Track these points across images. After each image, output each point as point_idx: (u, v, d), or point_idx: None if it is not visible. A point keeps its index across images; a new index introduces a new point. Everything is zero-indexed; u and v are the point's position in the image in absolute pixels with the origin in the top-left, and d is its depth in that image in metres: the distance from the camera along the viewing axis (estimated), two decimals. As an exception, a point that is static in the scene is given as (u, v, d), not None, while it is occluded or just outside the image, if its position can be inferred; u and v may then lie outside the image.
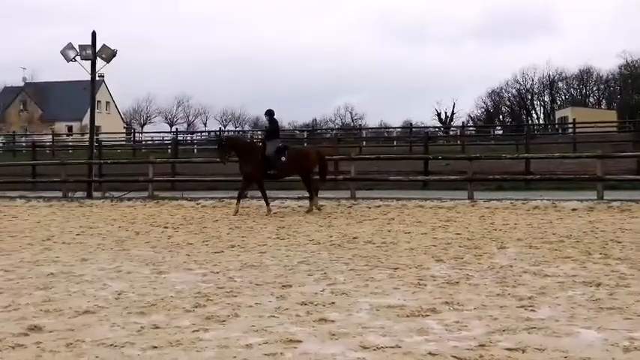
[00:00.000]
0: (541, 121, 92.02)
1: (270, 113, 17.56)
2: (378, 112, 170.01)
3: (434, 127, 73.66)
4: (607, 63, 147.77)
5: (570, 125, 48.61)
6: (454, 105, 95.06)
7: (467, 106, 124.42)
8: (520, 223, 13.54)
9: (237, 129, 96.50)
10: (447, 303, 6.52)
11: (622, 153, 25.09)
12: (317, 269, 8.57)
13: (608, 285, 7.27)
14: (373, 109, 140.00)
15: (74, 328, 5.71)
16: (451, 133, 61.33)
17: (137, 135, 61.68)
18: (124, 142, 56.82)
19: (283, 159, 16.73)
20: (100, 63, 24.70)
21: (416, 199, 18.77)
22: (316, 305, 6.51)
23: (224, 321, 5.93)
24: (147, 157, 27.03)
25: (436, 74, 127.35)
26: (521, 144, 34.20)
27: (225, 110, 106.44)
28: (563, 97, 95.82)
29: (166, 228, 13.84)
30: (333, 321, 5.88)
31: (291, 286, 7.45)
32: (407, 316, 6.02)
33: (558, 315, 6.01)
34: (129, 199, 21.49)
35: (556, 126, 68.33)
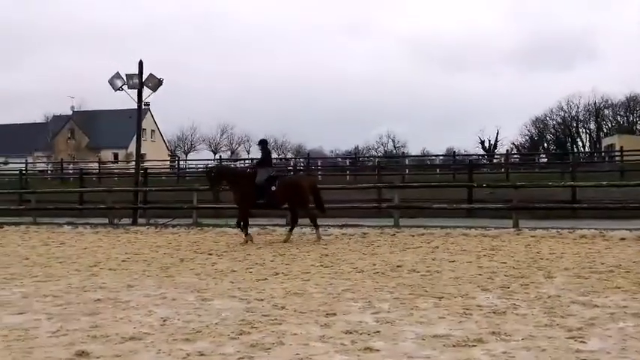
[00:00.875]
0: (587, 149, 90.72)
1: (262, 142, 17.87)
2: (421, 140, 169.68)
3: (477, 155, 73.06)
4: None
5: (617, 153, 47.83)
6: (498, 133, 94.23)
7: (511, 134, 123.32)
8: (567, 253, 13.31)
9: (279, 157, 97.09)
10: (494, 333, 6.43)
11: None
12: (361, 297, 8.53)
13: (660, 316, 7.10)
14: (415, 137, 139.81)
15: (121, 354, 5.77)
16: (495, 161, 60.78)
17: (181, 162, 62.39)
18: (169, 170, 57.46)
19: (273, 188, 16.66)
20: (147, 92, 25.09)
21: (460, 228, 18.58)
22: (361, 334, 6.47)
23: (269, 349, 5.93)
24: (191, 185, 27.26)
25: (478, 102, 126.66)
26: (566, 172, 33.72)
27: (267, 138, 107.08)
28: (609, 125, 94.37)
29: (210, 255, 13.92)
30: (379, 350, 5.83)
31: (335, 315, 7.42)
32: (453, 346, 5.96)
33: (609, 347, 5.88)
34: (173, 226, 21.68)
35: (602, 154, 67.27)
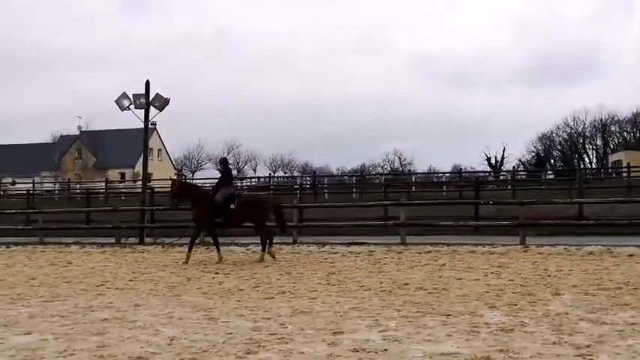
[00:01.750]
0: (593, 165, 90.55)
1: (223, 162, 18.22)
2: (427, 157, 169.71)
3: (484, 172, 72.99)
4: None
5: (624, 169, 47.75)
6: (504, 149, 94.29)
7: (517, 151, 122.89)
8: (574, 269, 13.26)
9: (286, 175, 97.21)
10: (502, 351, 6.40)
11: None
12: (368, 315, 8.51)
13: (669, 333, 7.06)
14: (422, 155, 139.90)
15: (128, 374, 5.76)
16: (501, 178, 60.72)
17: (188, 181, 62.40)
18: (176, 189, 57.51)
19: (232, 207, 16.62)
20: (154, 111, 25.18)
21: (467, 245, 18.55)
22: (368, 352, 6.45)
23: (276, 368, 5.92)
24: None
25: (484, 119, 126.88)
26: (573, 188, 33.65)
27: (274, 156, 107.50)
28: (616, 141, 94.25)
29: (217, 274, 13.91)
30: (386, 368, 5.81)
31: (342, 333, 7.41)
32: (461, 364, 5.93)
33: (618, 364, 5.85)
34: (180, 245, 21.65)
35: (609, 170, 67.14)
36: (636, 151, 75.40)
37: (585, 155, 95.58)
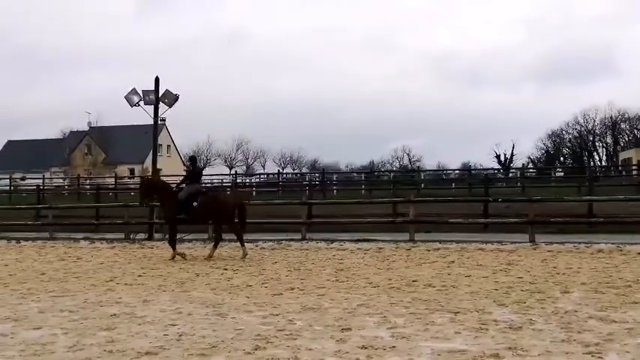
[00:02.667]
0: (603, 163, 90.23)
1: (191, 159, 18.47)
2: (436, 155, 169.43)
3: (493, 169, 72.83)
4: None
5: (634, 167, 47.54)
6: (513, 147, 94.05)
7: (526, 148, 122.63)
8: (584, 267, 13.22)
9: (295, 171, 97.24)
10: (510, 348, 6.39)
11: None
12: (376, 312, 8.52)
13: (678, 332, 7.04)
14: (431, 152, 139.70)
15: (137, 369, 5.78)
16: (511, 175, 60.61)
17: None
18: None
19: (195, 204, 16.73)
20: (163, 107, 25.21)
21: (476, 242, 18.52)
22: (377, 349, 6.45)
23: (284, 364, 5.93)
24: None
25: (494, 117, 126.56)
26: (583, 186, 33.55)
27: (283, 153, 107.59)
28: (626, 139, 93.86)
29: (226, 270, 13.94)
30: (394, 365, 5.82)
31: (350, 330, 7.41)
32: (469, 362, 5.92)
33: (627, 362, 5.83)
34: (189, 241, 21.70)
35: (619, 167, 66.87)
36: (646, 149, 75.06)
37: (595, 153, 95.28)
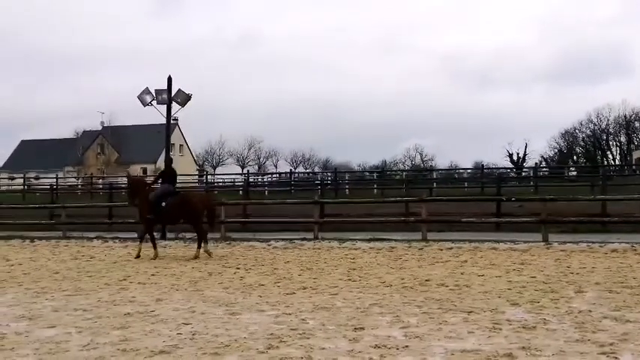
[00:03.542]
0: (617, 162, 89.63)
1: (166, 162, 18.59)
2: (448, 154, 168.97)
3: (506, 168, 72.56)
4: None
5: (648, 166, 47.26)
6: (526, 146, 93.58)
7: (539, 147, 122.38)
8: (598, 267, 13.16)
9: (307, 171, 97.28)
10: (524, 348, 6.37)
11: None
12: (389, 312, 8.51)
13: (694, 332, 6.99)
14: (443, 151, 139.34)
15: (150, 368, 5.79)
16: (524, 174, 60.37)
17: (209, 177, 62.66)
18: (197, 184, 57.80)
19: (163, 204, 16.90)
20: (175, 107, 25.31)
21: (489, 241, 18.47)
22: (390, 348, 6.44)
23: (297, 363, 5.93)
24: (219, 199, 27.38)
25: (506, 115, 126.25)
26: (596, 185, 33.37)
27: (295, 152, 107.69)
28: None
29: (238, 269, 13.96)
30: (407, 365, 5.80)
31: (363, 329, 7.40)
32: (483, 361, 5.91)
33: (642, 362, 5.80)
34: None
35: (633, 167, 66.48)
36: (660, 148, 74.66)
37: (609, 152, 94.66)
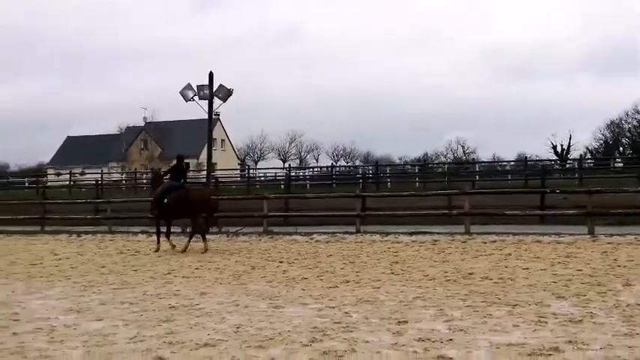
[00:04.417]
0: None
1: (178, 157, 18.65)
2: (490, 146, 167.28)
3: (550, 160, 71.58)
4: None
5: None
6: (570, 137, 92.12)
7: (584, 138, 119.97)
8: (646, 260, 12.92)
9: (348, 164, 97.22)
10: (571, 342, 6.29)
11: None
12: (433, 305, 8.47)
13: None
14: (485, 143, 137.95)
15: (196, 360, 5.86)
16: (568, 166, 59.49)
17: (251, 171, 63.03)
18: (239, 179, 58.17)
19: (165, 200, 17.39)
20: (217, 102, 25.49)
21: (533, 234, 18.26)
22: (434, 342, 6.42)
23: (341, 356, 5.94)
24: (261, 193, 27.54)
25: (550, 107, 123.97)
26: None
27: (336, 146, 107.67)
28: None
29: (281, 263, 14.03)
30: (452, 358, 5.78)
31: (407, 322, 7.38)
32: (528, 355, 5.85)
33: (693, 357, 5.68)
34: (244, 234, 21.93)
35: (681, 157, 65.01)
36: None
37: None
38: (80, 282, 11.57)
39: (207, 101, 25.45)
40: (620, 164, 60.12)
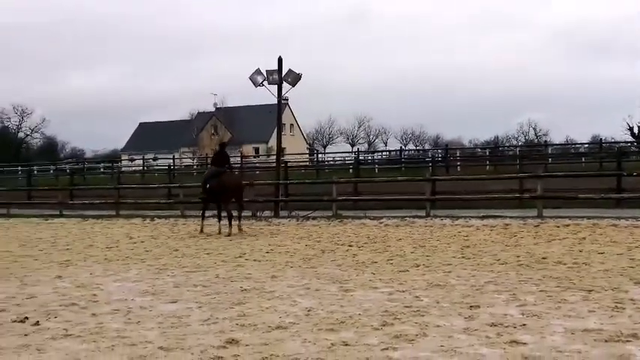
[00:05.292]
0: None
1: (220, 146, 20.10)
2: (564, 128, 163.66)
3: (626, 142, 69.54)
4: None
5: None
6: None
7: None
8: None
9: (417, 148, 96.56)
10: (650, 328, 6.11)
11: None
12: (505, 290, 8.35)
13: None
14: (558, 125, 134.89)
15: (268, 343, 5.92)
16: (645, 148, 57.65)
17: (320, 155, 63.27)
18: (308, 163, 58.45)
19: (208, 186, 18.43)
20: (286, 87, 25.59)
21: (608, 218, 17.80)
22: (506, 327, 6.33)
23: (413, 340, 5.92)
24: (330, 177, 27.60)
25: (625, 87, 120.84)
26: None
27: (405, 129, 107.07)
28: None
29: (351, 246, 14.05)
30: (526, 343, 5.69)
31: (479, 307, 7.30)
32: (605, 341, 5.71)
33: None
34: (314, 218, 22.03)
35: None
36: None
37: None
38: (155, 265, 11.83)
39: (276, 86, 25.58)
40: (700, 145, 57.95)
